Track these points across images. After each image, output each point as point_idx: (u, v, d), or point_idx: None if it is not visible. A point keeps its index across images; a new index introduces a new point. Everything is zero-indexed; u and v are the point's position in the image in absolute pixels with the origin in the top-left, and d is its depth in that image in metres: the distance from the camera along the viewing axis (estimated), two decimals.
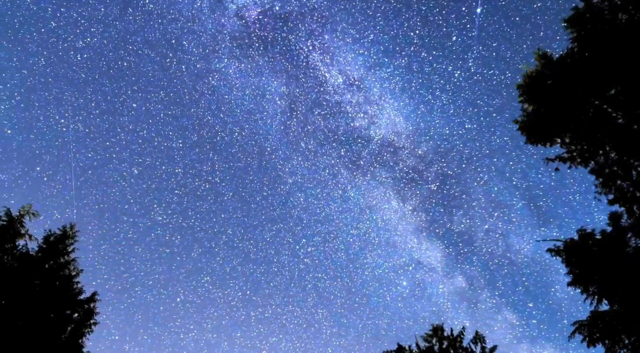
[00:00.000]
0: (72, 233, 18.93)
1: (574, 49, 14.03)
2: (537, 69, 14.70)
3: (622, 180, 14.31)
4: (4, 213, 17.63)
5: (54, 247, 18.21)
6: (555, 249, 15.10)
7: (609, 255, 13.90)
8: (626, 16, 13.11)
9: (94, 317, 17.97)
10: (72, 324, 17.53)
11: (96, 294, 18.34)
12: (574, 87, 13.95)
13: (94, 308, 18.05)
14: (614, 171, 14.39)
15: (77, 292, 18.11)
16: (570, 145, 15.19)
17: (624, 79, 13.15)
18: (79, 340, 17.45)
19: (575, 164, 15.20)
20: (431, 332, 20.93)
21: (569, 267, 14.76)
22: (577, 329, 14.41)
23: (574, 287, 14.74)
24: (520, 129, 15.74)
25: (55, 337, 16.76)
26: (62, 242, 18.54)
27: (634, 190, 14.09)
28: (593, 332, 14.06)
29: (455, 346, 20.07)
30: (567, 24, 14.19)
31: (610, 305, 14.24)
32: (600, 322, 13.99)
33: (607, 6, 13.39)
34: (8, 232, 17.35)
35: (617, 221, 14.50)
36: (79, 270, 18.52)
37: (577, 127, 14.42)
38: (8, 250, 17.17)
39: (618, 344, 13.68)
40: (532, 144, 15.69)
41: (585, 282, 14.43)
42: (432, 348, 20.32)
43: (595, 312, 14.31)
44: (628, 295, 13.44)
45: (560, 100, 14.27)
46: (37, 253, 17.85)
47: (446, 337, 20.56)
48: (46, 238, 18.35)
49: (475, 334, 20.42)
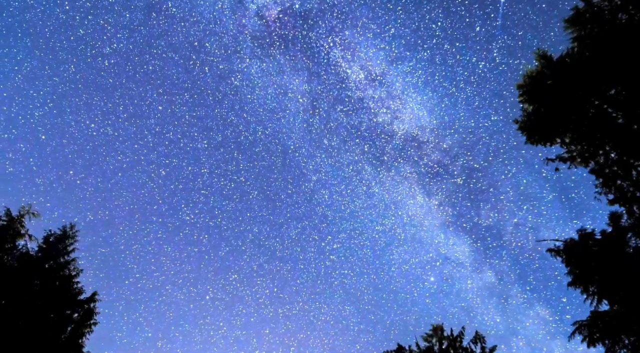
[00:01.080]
0: (72, 233, 18.95)
1: (574, 48, 14.03)
2: (537, 69, 14.69)
3: (622, 180, 14.31)
4: (4, 214, 17.65)
5: (54, 247, 18.22)
6: (555, 249, 15.10)
7: (609, 255, 13.90)
8: (626, 16, 13.10)
9: (94, 317, 17.98)
10: (72, 324, 17.54)
11: (96, 294, 18.36)
12: (574, 87, 13.94)
13: (94, 308, 18.06)
14: (614, 171, 14.39)
15: (77, 292, 18.12)
16: (570, 145, 15.19)
17: (624, 79, 13.15)
18: (79, 340, 17.46)
19: (575, 164, 15.20)
20: (431, 332, 20.93)
21: (569, 267, 14.76)
22: (577, 329, 14.41)
23: (574, 287, 14.75)
24: (520, 129, 15.73)
25: (55, 337, 16.77)
26: (62, 242, 18.55)
27: (634, 190, 14.09)
28: (593, 332, 14.06)
29: (455, 346, 20.06)
30: (567, 24, 14.19)
31: (610, 305, 14.24)
32: (600, 322, 13.99)
33: (607, 6, 13.38)
34: (8, 232, 17.36)
35: (617, 221, 14.50)
36: (79, 270, 18.53)
37: (577, 127, 14.41)
38: (8, 250, 17.18)
39: (618, 344, 13.68)
40: (532, 144, 15.68)
41: (585, 282, 14.44)
42: (432, 348, 20.32)
43: (595, 312, 14.31)
44: (628, 295, 13.44)
45: (560, 100, 14.26)
46: (37, 253, 17.86)
47: (446, 337, 20.55)
48: (46, 238, 18.37)
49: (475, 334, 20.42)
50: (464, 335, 20.73)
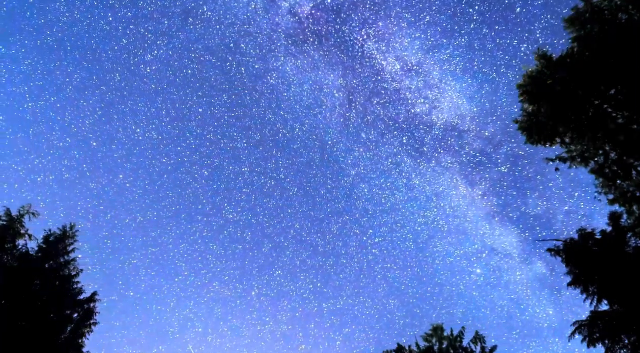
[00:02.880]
0: (72, 233, 18.93)
1: (574, 48, 14.04)
2: (537, 68, 14.70)
3: (622, 180, 14.31)
4: (4, 214, 17.63)
5: (54, 247, 18.21)
6: (555, 249, 15.10)
7: (609, 255, 13.90)
8: (626, 16, 13.11)
9: (94, 317, 17.95)
10: (72, 324, 17.52)
11: (96, 294, 18.34)
12: (574, 87, 13.95)
13: (93, 309, 18.04)
14: (614, 171, 14.39)
15: (77, 292, 18.10)
16: (570, 145, 15.20)
17: (624, 79, 13.15)
18: (78, 340, 17.44)
19: (575, 164, 15.21)
20: (431, 332, 20.92)
21: (569, 267, 14.76)
22: (577, 329, 14.40)
23: (574, 287, 14.74)
24: (520, 129, 15.73)
25: (55, 337, 16.75)
26: (62, 242, 18.54)
27: (634, 190, 14.09)
28: (593, 332, 14.06)
29: (455, 346, 20.05)
30: (567, 24, 14.19)
31: (610, 305, 14.24)
32: (601, 322, 13.99)
33: (607, 6, 13.39)
34: (8, 232, 17.35)
35: (617, 221, 14.50)
36: (79, 270, 18.51)
37: (577, 127, 14.42)
38: (8, 250, 17.17)
39: (618, 344, 13.68)
40: (532, 144, 15.69)
41: (585, 282, 14.43)
42: (432, 348, 20.31)
43: (595, 312, 14.30)
44: (628, 295, 13.44)
45: (560, 100, 14.27)
46: (37, 253, 17.85)
47: (446, 337, 20.54)
48: (46, 238, 18.35)
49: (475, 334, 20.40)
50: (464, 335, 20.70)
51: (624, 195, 14.17)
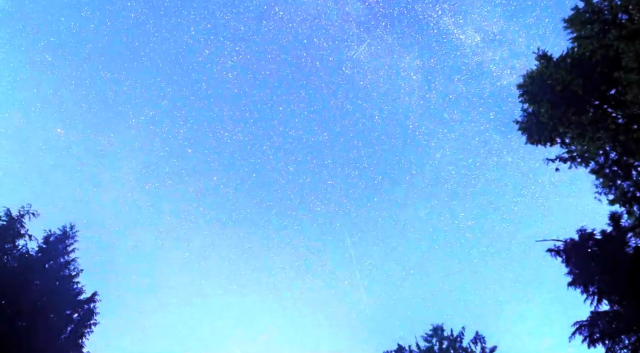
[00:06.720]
0: (72, 233, 18.91)
1: (574, 48, 14.03)
2: (538, 68, 14.70)
3: (622, 180, 14.30)
4: (4, 214, 17.60)
5: (54, 247, 18.20)
6: (555, 249, 15.08)
7: (609, 255, 13.89)
8: (626, 16, 13.10)
9: (94, 317, 17.94)
10: (72, 324, 17.51)
11: (96, 294, 18.31)
12: (574, 87, 13.94)
13: (94, 309, 18.02)
14: (614, 171, 14.38)
15: (77, 292, 18.08)
16: (570, 145, 15.19)
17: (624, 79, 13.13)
18: (79, 340, 17.43)
19: (575, 164, 15.19)
20: (431, 332, 20.92)
21: (569, 267, 14.74)
22: (577, 329, 14.38)
23: (574, 287, 14.72)
24: (521, 129, 15.73)
25: (55, 337, 16.74)
26: (62, 242, 18.52)
27: (634, 190, 14.08)
28: (593, 332, 14.04)
29: (455, 346, 20.06)
30: (567, 24, 14.19)
31: (610, 305, 14.23)
32: (601, 322, 13.98)
33: (607, 6, 13.38)
34: (8, 232, 17.33)
35: (617, 221, 14.48)
36: (79, 270, 18.48)
37: (577, 127, 14.41)
38: (8, 250, 17.15)
39: (618, 344, 13.67)
40: (532, 144, 15.69)
41: (585, 282, 14.42)
42: (432, 348, 20.32)
43: (595, 312, 14.29)
44: (628, 295, 13.42)
45: (560, 100, 14.27)
46: (37, 253, 17.82)
47: (446, 337, 20.55)
48: (46, 238, 18.32)
49: (475, 334, 20.41)
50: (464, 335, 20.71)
51: (624, 195, 14.15)
